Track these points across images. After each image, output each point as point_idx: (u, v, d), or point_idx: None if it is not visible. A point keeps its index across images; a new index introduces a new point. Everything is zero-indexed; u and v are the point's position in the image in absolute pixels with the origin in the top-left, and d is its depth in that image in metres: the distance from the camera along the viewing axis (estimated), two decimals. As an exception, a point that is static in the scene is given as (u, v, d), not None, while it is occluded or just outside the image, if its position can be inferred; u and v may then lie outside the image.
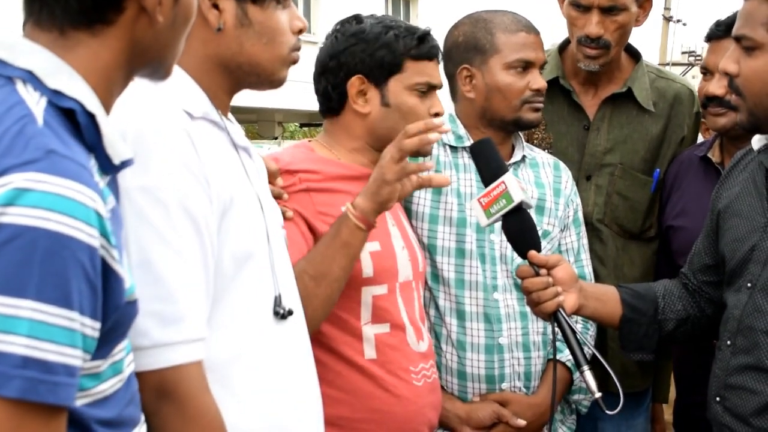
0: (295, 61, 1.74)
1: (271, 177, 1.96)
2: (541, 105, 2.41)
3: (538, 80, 2.38)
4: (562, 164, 2.60)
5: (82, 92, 1.15)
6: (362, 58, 2.13)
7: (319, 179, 2.10)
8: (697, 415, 2.62)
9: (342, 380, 2.07)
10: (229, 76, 1.67)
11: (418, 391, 2.15)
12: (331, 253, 1.96)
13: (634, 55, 2.85)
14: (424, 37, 2.16)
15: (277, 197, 1.97)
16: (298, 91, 5.76)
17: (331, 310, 2.01)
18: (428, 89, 2.17)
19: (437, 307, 2.39)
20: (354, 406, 2.08)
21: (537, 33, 2.42)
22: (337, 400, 2.00)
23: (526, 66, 2.38)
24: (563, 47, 2.83)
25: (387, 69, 2.13)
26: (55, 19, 1.17)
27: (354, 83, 2.14)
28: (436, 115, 2.18)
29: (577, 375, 2.44)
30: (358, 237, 1.98)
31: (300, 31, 1.72)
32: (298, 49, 1.74)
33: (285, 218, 1.95)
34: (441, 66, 2.31)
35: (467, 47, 2.42)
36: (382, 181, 1.97)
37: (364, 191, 1.99)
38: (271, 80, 1.71)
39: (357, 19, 2.19)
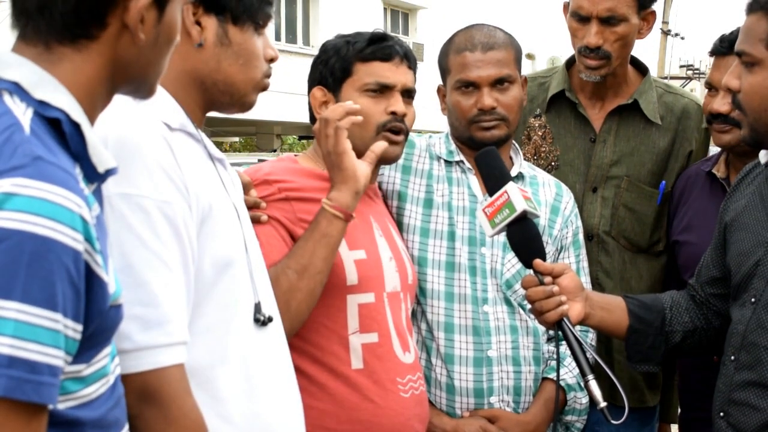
0: (265, 88, 1.80)
1: (245, 189, 1.99)
2: (491, 124, 2.35)
3: (482, 100, 2.34)
4: (564, 186, 2.58)
5: (67, 103, 1.18)
6: (320, 69, 2.20)
7: (298, 188, 2.11)
8: (700, 430, 2.59)
9: (328, 391, 2.05)
10: (204, 92, 1.72)
11: (405, 403, 2.14)
12: (311, 246, 1.97)
13: (642, 69, 2.84)
14: (376, 38, 2.17)
15: (254, 206, 2.00)
16: (297, 104, 5.80)
17: (314, 304, 2.00)
18: (380, 89, 2.16)
19: (427, 321, 2.38)
20: (340, 417, 2.06)
21: (487, 50, 2.35)
22: (323, 411, 1.99)
23: (469, 86, 2.36)
24: (571, 62, 2.83)
25: (339, 75, 2.17)
26: (40, 33, 1.20)
27: (315, 94, 2.21)
28: (393, 113, 2.17)
29: (570, 395, 2.42)
30: (337, 227, 1.99)
31: (272, 60, 1.78)
32: (269, 75, 1.79)
33: (260, 222, 1.99)
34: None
35: (440, 66, 2.48)
36: (334, 153, 2.00)
37: (333, 184, 2.01)
38: (242, 102, 1.77)
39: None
